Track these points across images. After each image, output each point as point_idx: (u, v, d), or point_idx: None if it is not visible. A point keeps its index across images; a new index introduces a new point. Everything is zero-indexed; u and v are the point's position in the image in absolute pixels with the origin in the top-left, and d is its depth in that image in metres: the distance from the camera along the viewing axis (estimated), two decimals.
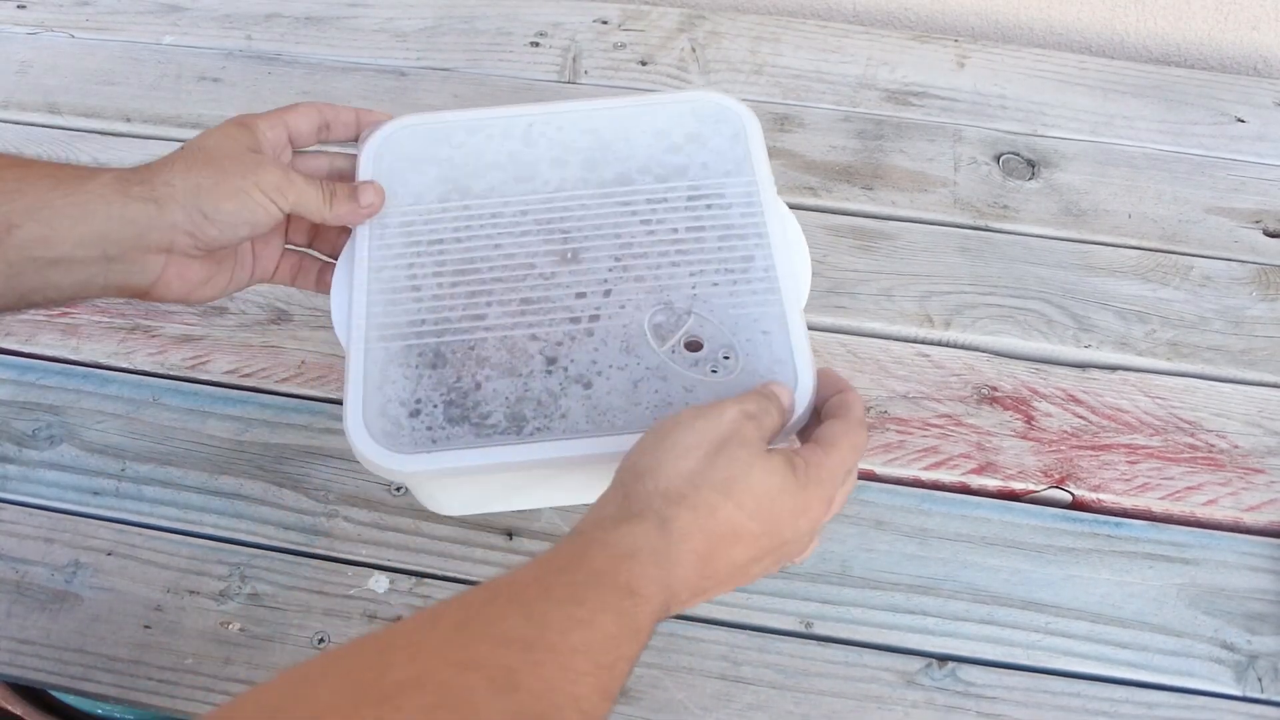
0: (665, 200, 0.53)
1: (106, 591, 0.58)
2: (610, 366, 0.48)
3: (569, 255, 0.51)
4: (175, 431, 0.63)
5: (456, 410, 0.47)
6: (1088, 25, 0.89)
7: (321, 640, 0.56)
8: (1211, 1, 0.85)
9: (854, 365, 0.65)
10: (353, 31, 0.86)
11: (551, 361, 0.49)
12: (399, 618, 0.56)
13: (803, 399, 0.47)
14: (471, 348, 0.49)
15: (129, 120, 0.80)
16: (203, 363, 0.66)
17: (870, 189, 0.75)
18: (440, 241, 0.52)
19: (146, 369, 0.66)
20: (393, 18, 0.87)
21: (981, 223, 0.73)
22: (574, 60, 0.84)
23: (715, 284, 0.50)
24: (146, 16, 0.88)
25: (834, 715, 0.53)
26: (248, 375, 0.66)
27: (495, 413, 0.47)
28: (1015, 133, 0.78)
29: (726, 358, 0.48)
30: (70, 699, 0.66)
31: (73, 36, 0.87)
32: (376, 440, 0.46)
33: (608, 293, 0.50)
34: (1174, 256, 0.71)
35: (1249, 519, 0.59)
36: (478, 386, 0.48)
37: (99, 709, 0.67)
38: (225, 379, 0.66)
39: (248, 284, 0.54)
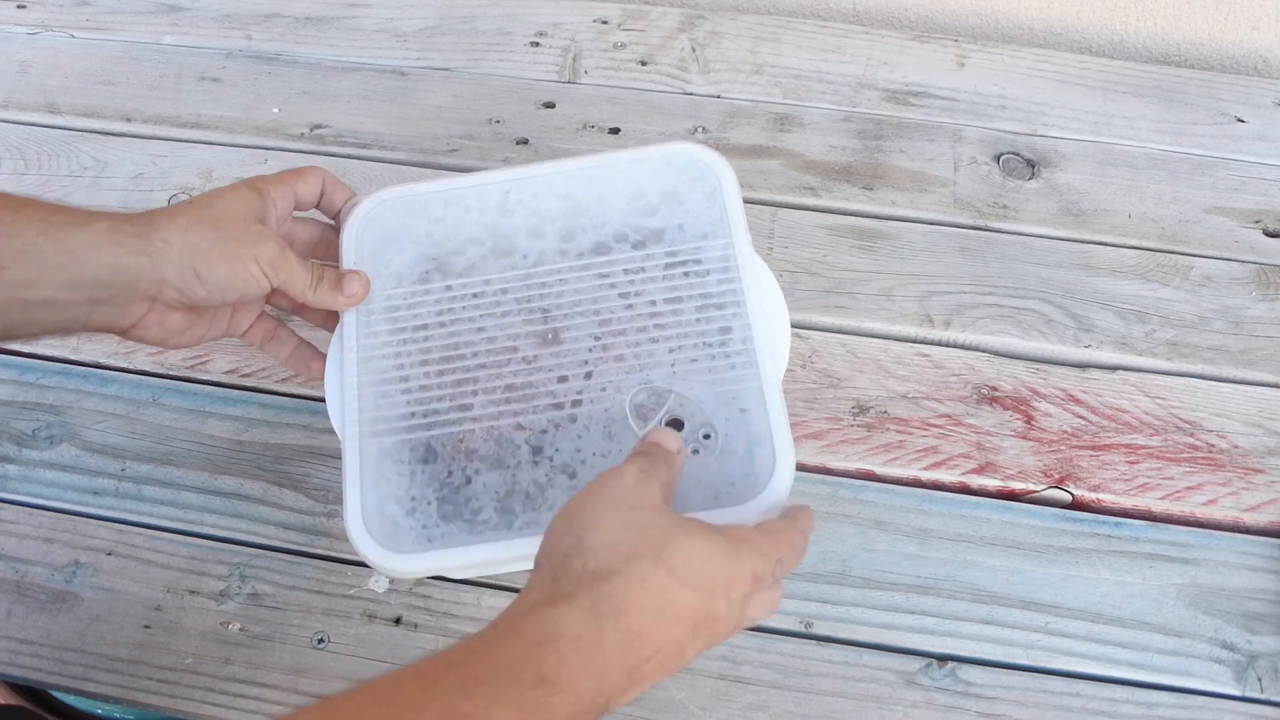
0: (643, 270, 0.53)
1: (106, 591, 0.58)
2: (594, 454, 0.49)
3: (550, 336, 0.52)
4: (175, 431, 0.63)
5: (449, 507, 0.49)
6: (1088, 25, 0.89)
7: (321, 640, 0.56)
8: (1211, 1, 0.85)
9: (854, 365, 0.65)
10: (353, 31, 0.86)
11: (537, 451, 0.50)
12: (399, 618, 0.56)
13: (783, 481, 0.47)
14: (460, 440, 0.50)
15: (129, 120, 0.80)
16: (203, 363, 0.66)
17: (870, 189, 0.75)
18: (425, 327, 0.53)
19: (146, 369, 0.66)
20: (393, 17, 0.87)
21: (981, 223, 0.73)
22: (574, 60, 0.84)
23: (694, 360, 0.50)
24: (146, 16, 0.88)
25: (834, 715, 0.53)
26: (248, 375, 0.66)
27: (486, 508, 0.49)
28: (1015, 133, 0.78)
29: (706, 436, 0.49)
30: (70, 699, 0.66)
31: (73, 36, 0.87)
32: (377, 541, 0.48)
33: (589, 375, 0.51)
34: (1174, 256, 0.71)
35: (1249, 519, 0.59)
36: (468, 481, 0.49)
37: (99, 709, 0.67)
38: (225, 379, 0.66)
39: (221, 337, 0.54)
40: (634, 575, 0.38)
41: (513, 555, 0.47)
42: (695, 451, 0.48)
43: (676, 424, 0.49)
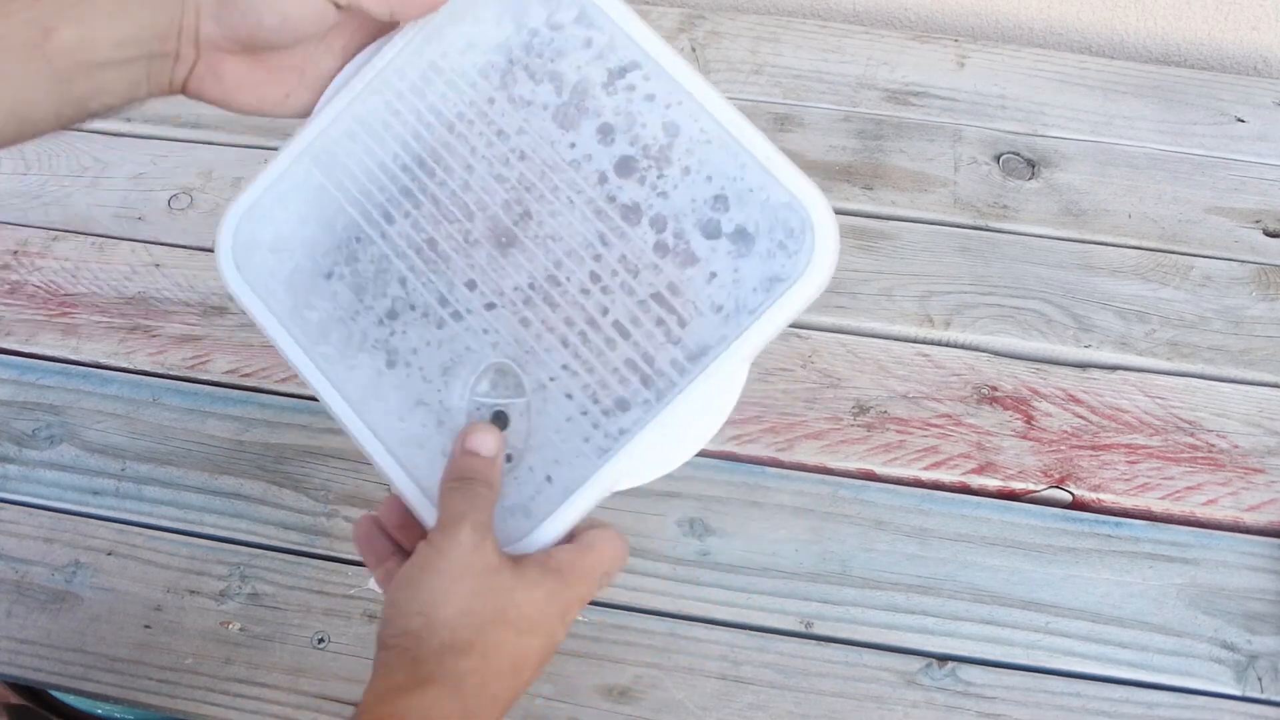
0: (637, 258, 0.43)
1: (106, 591, 0.58)
2: (417, 368, 0.44)
3: (504, 239, 0.44)
4: (175, 431, 0.63)
5: (302, 279, 0.46)
6: (1088, 25, 0.89)
7: (321, 640, 0.56)
8: (1211, 2, 0.85)
9: (854, 365, 0.65)
10: None
11: (392, 316, 0.45)
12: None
13: (552, 530, 0.42)
14: (357, 237, 0.45)
15: (129, 120, 0.80)
16: (203, 362, 0.66)
17: (870, 189, 0.75)
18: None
19: (146, 369, 0.66)
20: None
21: (981, 223, 0.73)
22: None
23: (586, 391, 0.42)
24: None
25: (834, 715, 0.53)
26: (248, 375, 0.66)
27: (323, 311, 0.45)
28: (1015, 133, 0.78)
29: (509, 459, 0.43)
30: (70, 699, 0.66)
31: None
32: (234, 252, 0.46)
33: (490, 306, 0.44)
34: (1174, 256, 0.71)
35: (1249, 519, 0.59)
36: (328, 275, 0.46)
37: (99, 709, 0.67)
38: (225, 379, 0.66)
39: (298, 106, 0.47)
40: (489, 644, 0.38)
41: (282, 343, 0.45)
42: (509, 459, 0.43)
43: (500, 419, 0.43)
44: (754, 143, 0.42)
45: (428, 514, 0.42)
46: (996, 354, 0.66)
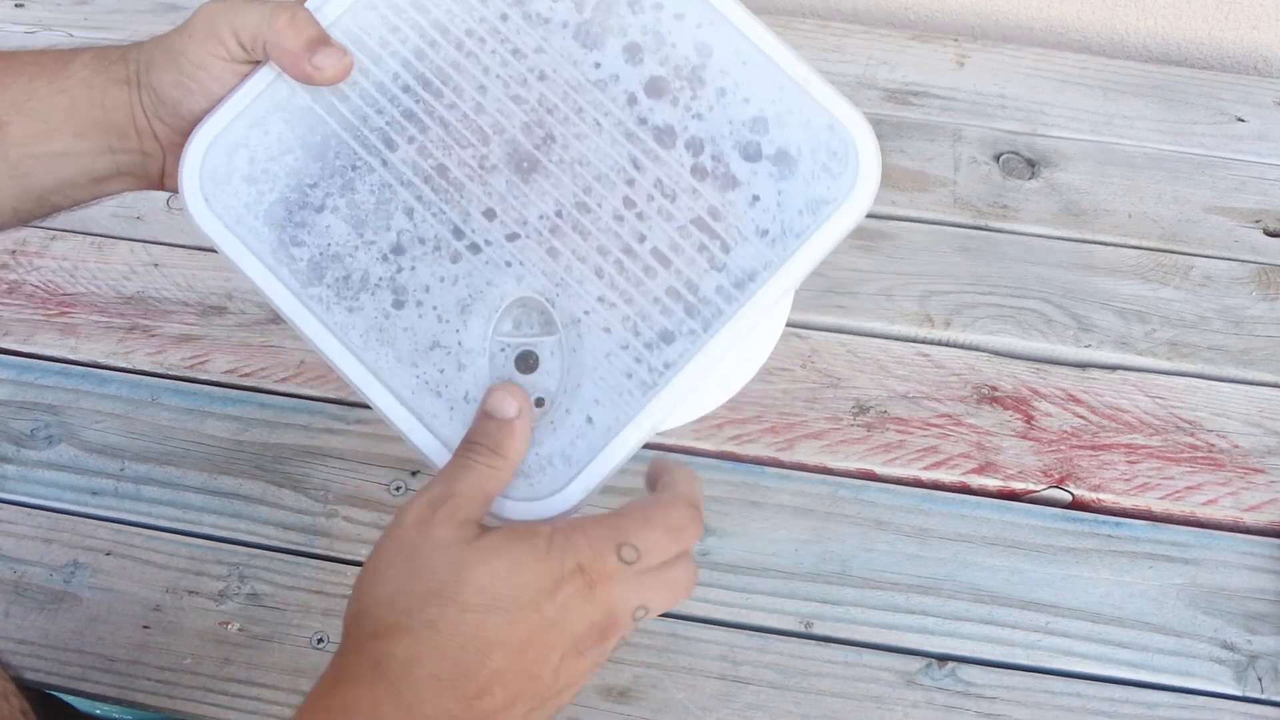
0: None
1: (105, 591, 0.57)
2: (430, 307, 0.40)
3: (526, 165, 0.41)
4: (174, 431, 0.63)
5: (282, 211, 0.42)
6: (1088, 25, 0.89)
7: (321, 640, 0.56)
8: (1211, 1, 0.85)
9: (854, 365, 0.65)
10: None
11: (398, 251, 0.41)
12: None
13: (579, 490, 0.39)
14: (354, 161, 0.42)
15: None
16: (202, 362, 0.66)
17: None
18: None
19: (145, 369, 0.66)
20: None
21: (981, 222, 0.73)
22: None
23: (626, 324, 0.39)
24: (145, 15, 0.88)
25: (834, 715, 0.53)
26: (247, 375, 0.66)
27: (310, 244, 0.41)
28: (1015, 132, 0.78)
29: (540, 403, 0.39)
30: (69, 699, 0.66)
31: (71, 35, 0.87)
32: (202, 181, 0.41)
33: (513, 236, 0.40)
34: (1174, 256, 0.71)
35: (1249, 519, 0.59)
36: (319, 208, 0.42)
37: (97, 709, 0.67)
38: (224, 379, 0.66)
39: None
40: (419, 625, 0.34)
41: (266, 285, 0.41)
42: (541, 403, 0.39)
43: (529, 362, 0.40)
44: (791, 65, 0.40)
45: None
46: (996, 354, 0.66)
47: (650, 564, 0.37)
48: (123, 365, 0.66)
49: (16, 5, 0.89)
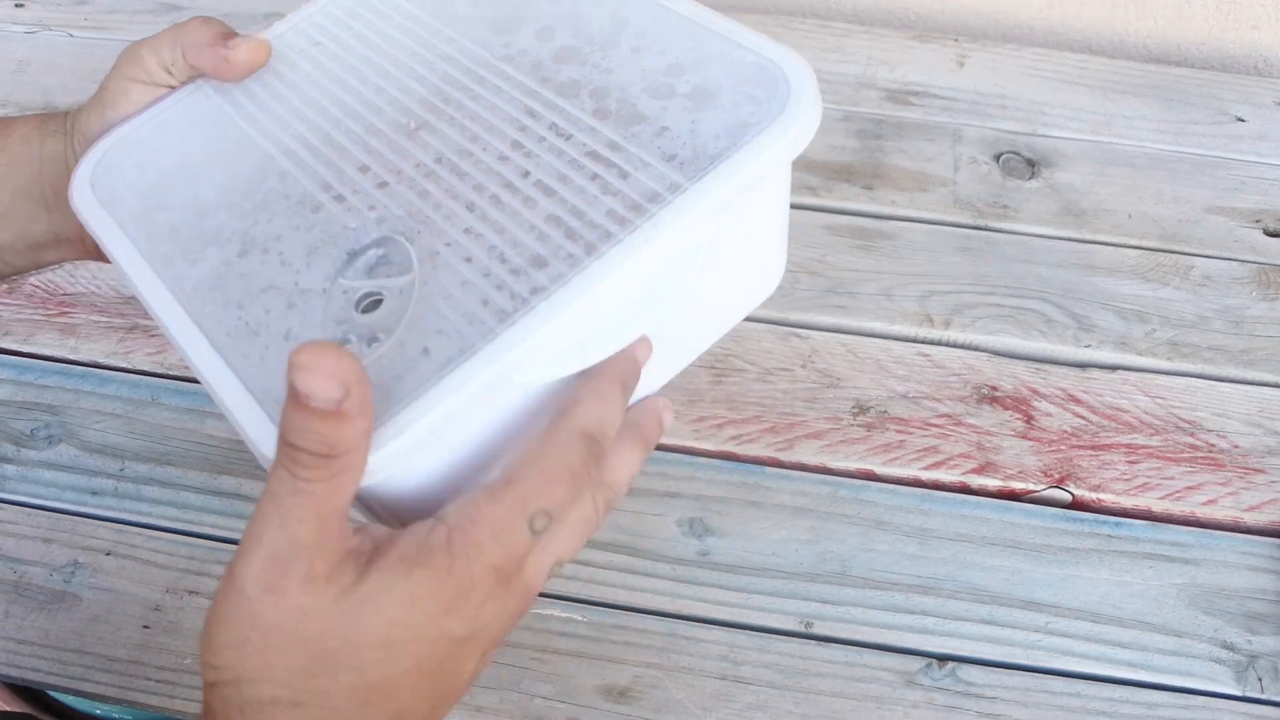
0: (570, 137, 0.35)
1: (105, 592, 0.57)
2: (276, 254, 0.36)
3: (412, 125, 0.37)
4: (174, 431, 0.63)
5: None
6: (1088, 24, 0.89)
7: None
8: (1212, 1, 0.85)
9: (854, 365, 0.65)
10: None
11: (262, 208, 0.37)
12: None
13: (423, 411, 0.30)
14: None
15: None
16: None
17: (870, 189, 0.74)
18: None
19: (145, 369, 0.66)
20: None
21: (981, 222, 0.73)
22: None
23: (492, 253, 0.33)
24: (144, 15, 0.88)
25: (834, 715, 0.53)
26: None
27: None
28: (1015, 132, 0.78)
29: (373, 341, 0.32)
30: (69, 699, 0.66)
31: (71, 35, 0.87)
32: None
33: (382, 185, 0.36)
34: (1174, 256, 0.71)
35: (1249, 519, 0.59)
36: None
37: (97, 709, 0.67)
38: None
39: None
40: (308, 697, 0.29)
41: (125, 262, 0.37)
42: (376, 340, 0.32)
43: (371, 305, 0.33)
44: (714, 21, 0.37)
45: (255, 429, 0.31)
46: (996, 354, 0.66)
47: (560, 519, 0.32)
48: (123, 365, 0.66)
49: (16, 5, 0.89)
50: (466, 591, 0.30)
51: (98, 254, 0.42)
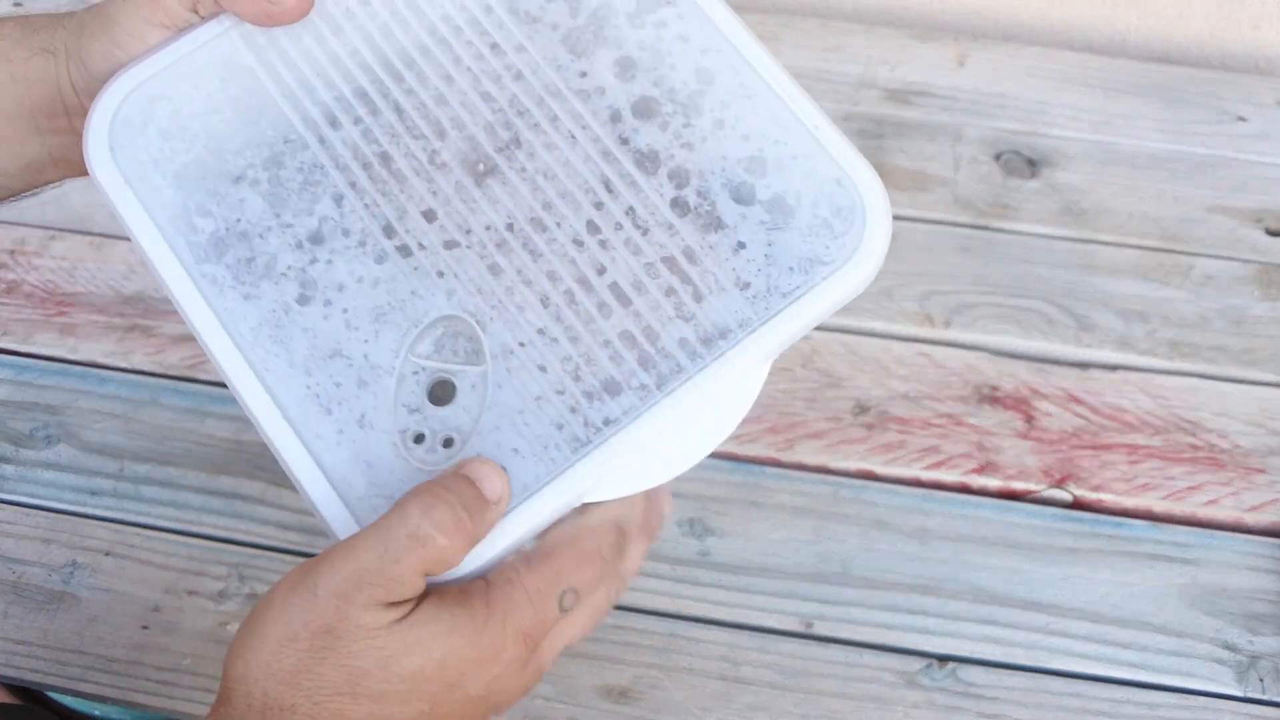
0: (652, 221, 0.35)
1: (104, 592, 0.57)
2: (340, 309, 0.34)
3: (481, 168, 0.36)
4: (173, 431, 0.63)
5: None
6: (1088, 24, 0.89)
7: None
8: (1213, 0, 0.84)
9: (854, 365, 0.65)
10: None
11: (316, 239, 0.35)
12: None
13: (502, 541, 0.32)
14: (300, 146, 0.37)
15: None
16: (201, 362, 0.66)
17: None
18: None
19: (145, 369, 0.66)
20: None
21: (982, 222, 0.73)
22: None
23: (567, 365, 0.33)
24: None
25: (834, 715, 0.53)
26: None
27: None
28: (1016, 132, 0.78)
29: (449, 443, 0.33)
30: (67, 700, 0.66)
31: None
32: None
33: (451, 244, 0.35)
34: (1175, 256, 0.71)
35: (1250, 519, 0.59)
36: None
37: (96, 710, 0.67)
38: None
39: None
40: (324, 715, 0.30)
41: (154, 252, 0.35)
42: (449, 443, 0.33)
43: (444, 390, 0.34)
44: (802, 105, 0.35)
45: (330, 511, 0.33)
46: (997, 354, 0.66)
47: (583, 602, 0.33)
48: (122, 365, 0.66)
49: (15, 4, 0.89)
50: (496, 651, 0.31)
51: None
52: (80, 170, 0.39)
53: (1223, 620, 0.55)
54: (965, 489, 0.61)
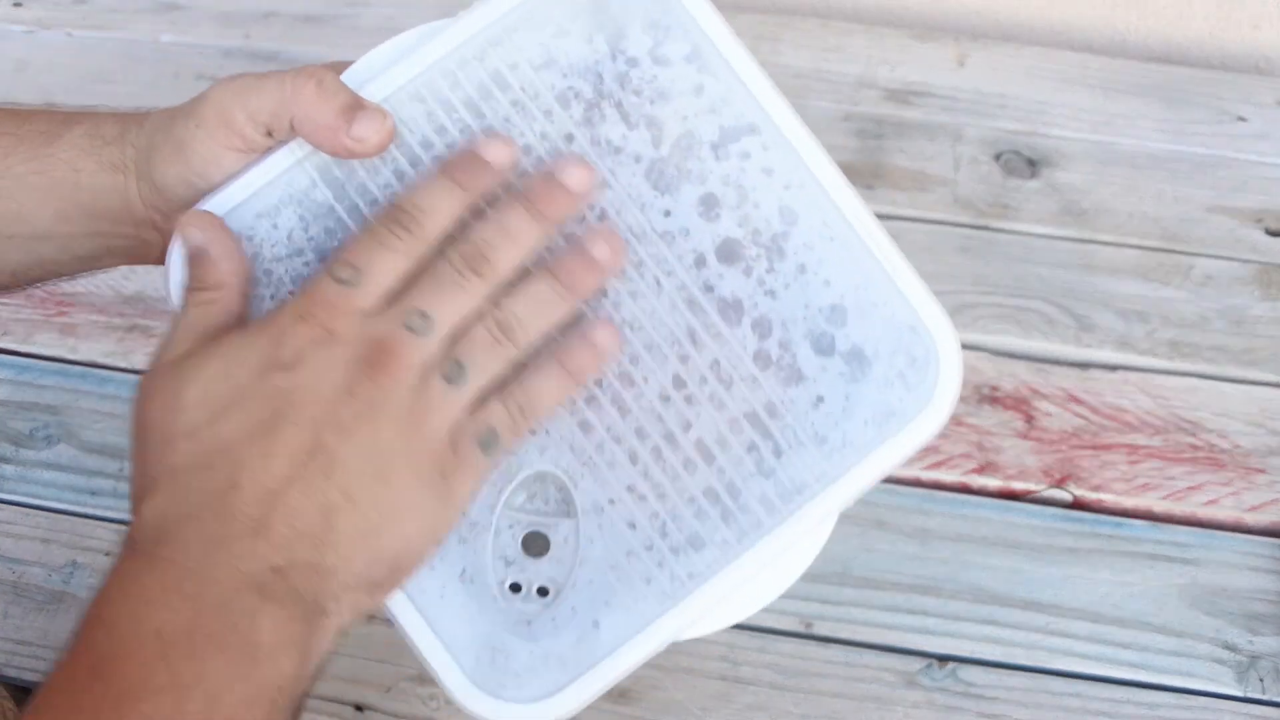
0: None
1: None
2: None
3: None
4: None
5: None
6: (1088, 24, 0.89)
7: None
8: (1213, 0, 0.84)
9: None
10: (352, 30, 0.86)
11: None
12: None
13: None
14: None
15: None
16: None
17: (870, 188, 0.74)
18: None
19: (145, 368, 0.66)
20: (393, 16, 0.87)
21: (982, 222, 0.73)
22: None
23: (655, 521, 0.35)
24: (144, 14, 0.88)
25: (834, 715, 0.53)
26: None
27: None
28: (1016, 132, 0.78)
29: (544, 592, 0.35)
30: None
31: (70, 35, 0.87)
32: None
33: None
34: (1175, 256, 0.71)
35: (1250, 519, 0.59)
36: None
37: None
38: None
39: None
40: (161, 476, 0.31)
41: None
42: (544, 592, 0.35)
43: (537, 542, 0.35)
44: (883, 248, 0.36)
45: (454, 685, 0.34)
46: (997, 354, 0.66)
47: (381, 282, 0.32)
48: (122, 365, 0.66)
49: (15, 4, 0.89)
50: (274, 341, 0.31)
51: (158, 262, 0.39)
52: (132, 261, 0.40)
53: (1223, 620, 0.55)
54: (965, 489, 0.61)
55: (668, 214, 0.35)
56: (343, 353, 0.31)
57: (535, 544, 0.35)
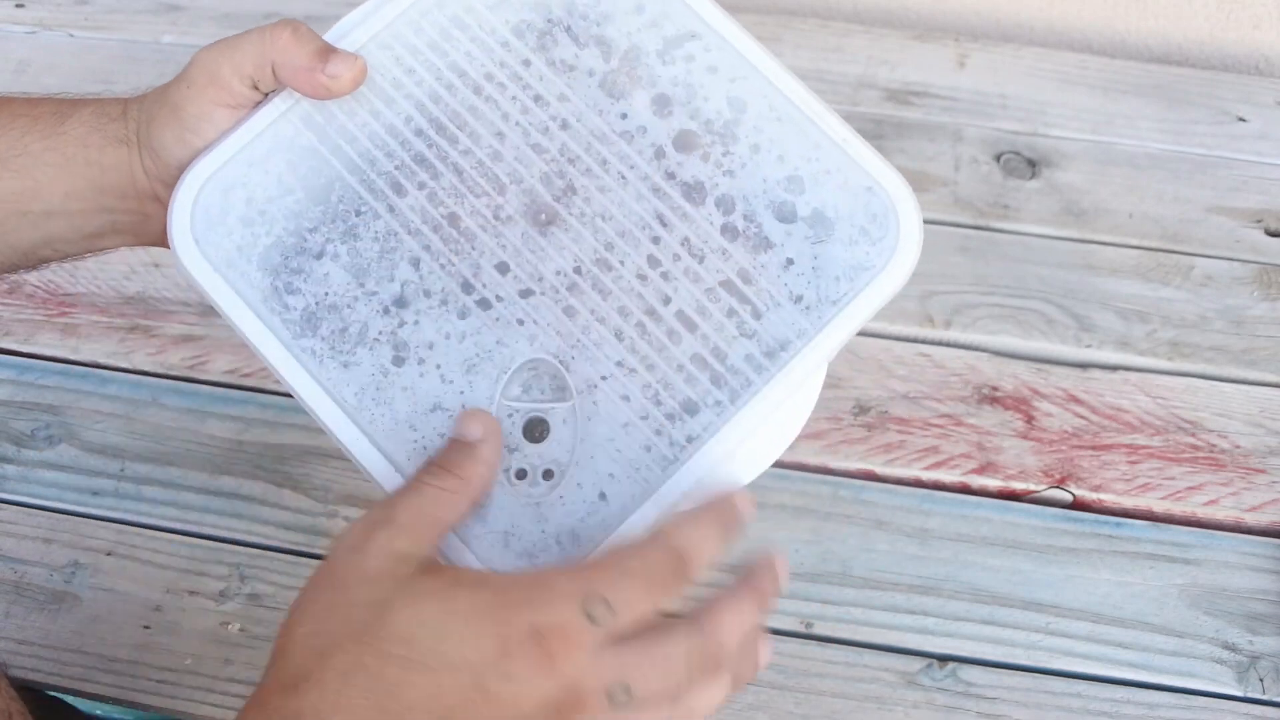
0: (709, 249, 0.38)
1: (105, 592, 0.57)
2: (433, 365, 0.38)
3: (543, 217, 0.39)
4: (175, 431, 0.63)
5: (278, 257, 0.40)
6: (1089, 24, 0.89)
7: None
8: (1213, 0, 0.84)
9: (855, 365, 0.65)
10: None
11: (400, 304, 0.38)
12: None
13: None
14: (358, 207, 0.39)
15: None
16: (202, 363, 0.66)
17: None
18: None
19: (146, 369, 0.66)
20: None
21: (982, 222, 0.73)
22: None
23: (647, 392, 0.37)
24: (145, 15, 0.88)
25: (834, 715, 0.53)
26: (248, 375, 0.66)
27: (306, 290, 0.39)
28: (1016, 132, 0.78)
29: (549, 475, 0.37)
30: (69, 700, 0.66)
31: (71, 35, 0.87)
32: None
33: (526, 293, 0.38)
34: (1175, 256, 0.71)
35: (1250, 519, 0.59)
36: (319, 254, 0.39)
37: (98, 710, 0.67)
38: (225, 379, 0.65)
39: None
40: (331, 674, 0.30)
41: (255, 335, 0.38)
42: (549, 474, 0.36)
43: (537, 428, 0.37)
44: (829, 123, 0.38)
45: (453, 553, 0.36)
46: (997, 354, 0.66)
47: (626, 625, 0.31)
48: (123, 365, 0.66)
49: (17, 5, 0.89)
50: (502, 641, 0.30)
51: (161, 241, 0.41)
52: (135, 240, 0.43)
53: (1223, 620, 0.55)
54: (965, 489, 0.61)
55: (624, 116, 0.39)
56: (548, 688, 0.30)
57: (536, 430, 0.37)
